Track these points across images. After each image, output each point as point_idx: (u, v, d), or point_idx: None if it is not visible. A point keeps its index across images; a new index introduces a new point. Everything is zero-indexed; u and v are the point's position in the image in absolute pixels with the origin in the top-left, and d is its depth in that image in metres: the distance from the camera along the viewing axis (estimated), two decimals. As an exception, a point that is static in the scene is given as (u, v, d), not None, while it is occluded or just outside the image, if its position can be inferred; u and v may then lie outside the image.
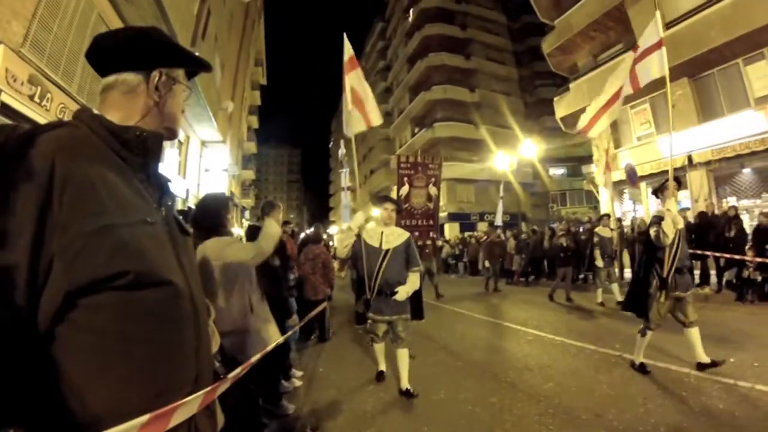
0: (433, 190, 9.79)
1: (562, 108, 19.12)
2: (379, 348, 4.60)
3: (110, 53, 1.10)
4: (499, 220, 18.23)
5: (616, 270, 10.32)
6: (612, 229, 9.60)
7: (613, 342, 5.69)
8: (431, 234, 10.13)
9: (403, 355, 4.24)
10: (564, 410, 3.64)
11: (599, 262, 8.92)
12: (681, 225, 4.43)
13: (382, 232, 4.27)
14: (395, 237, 4.26)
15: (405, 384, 4.19)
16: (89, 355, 0.86)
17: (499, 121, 32.72)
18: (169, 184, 1.19)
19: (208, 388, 1.11)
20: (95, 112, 1.07)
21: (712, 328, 5.74)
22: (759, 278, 8.23)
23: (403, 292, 4.06)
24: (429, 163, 9.99)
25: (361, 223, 4.30)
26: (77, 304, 0.84)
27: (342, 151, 19.71)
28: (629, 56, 5.59)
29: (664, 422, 3.26)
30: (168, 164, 12.66)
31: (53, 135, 0.91)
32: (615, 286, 8.88)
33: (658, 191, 4.83)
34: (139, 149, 1.06)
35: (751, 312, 7.26)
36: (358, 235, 4.28)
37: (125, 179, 0.99)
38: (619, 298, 8.25)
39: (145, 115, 1.11)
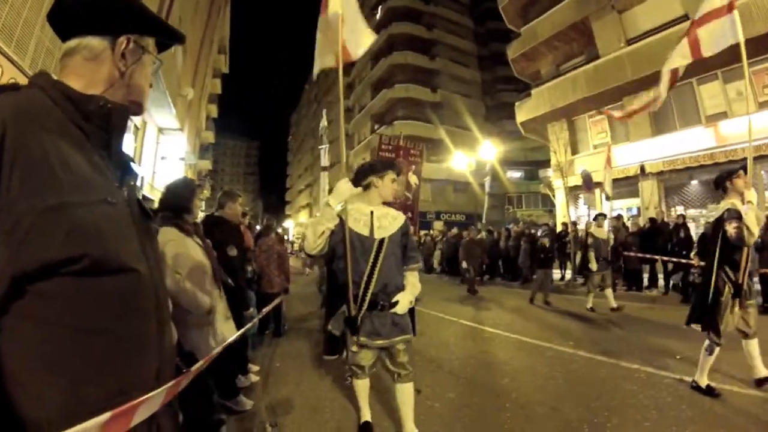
0: (413, 178, 9.01)
1: (522, 113, 19.64)
2: (363, 386, 3.10)
3: (74, 14, 0.98)
4: (483, 218, 17.90)
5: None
6: (608, 230, 9.01)
7: (567, 339, 5.90)
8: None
9: (406, 391, 2.94)
10: (521, 404, 3.72)
11: (593, 266, 8.25)
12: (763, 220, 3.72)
13: (372, 213, 2.87)
14: (390, 221, 2.91)
15: None
16: (40, 349, 0.76)
17: (459, 122, 33.30)
18: (132, 163, 1.09)
19: (171, 383, 1.03)
20: (55, 78, 0.95)
21: (661, 328, 6.41)
22: None
23: (405, 302, 2.80)
24: (411, 148, 9.25)
25: (347, 197, 2.77)
26: (26, 291, 0.75)
27: (323, 123, 16.68)
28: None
29: (617, 414, 3.42)
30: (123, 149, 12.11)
31: (6, 100, 0.81)
32: (609, 291, 8.31)
33: (725, 180, 4.11)
34: (102, 122, 0.95)
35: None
36: (340, 219, 2.82)
37: (84, 154, 0.89)
38: (614, 304, 7.97)
39: (109, 86, 1.00)
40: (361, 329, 2.76)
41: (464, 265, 11.68)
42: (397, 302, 2.79)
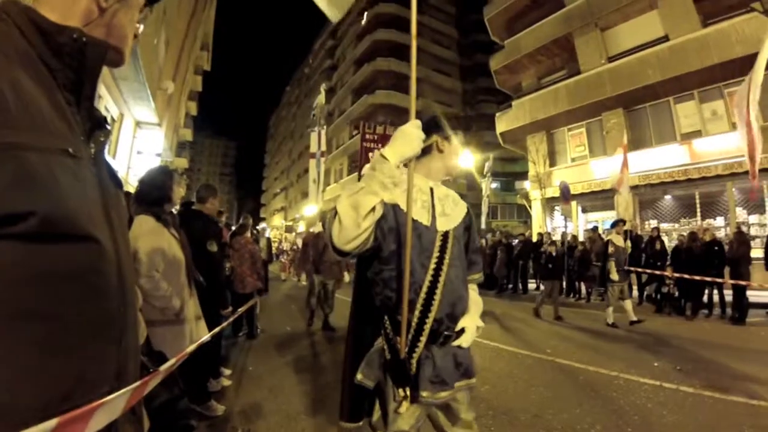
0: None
1: (503, 123, 19.88)
2: None
3: None
4: (482, 224, 17.22)
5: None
6: (626, 238, 8.45)
7: (544, 347, 5.90)
8: None
9: None
10: (503, 411, 3.68)
11: (615, 276, 7.66)
12: None
13: (432, 191, 1.87)
14: (452, 206, 1.91)
15: None
16: None
17: (438, 131, 33.33)
18: (104, 120, 0.91)
19: (135, 384, 0.84)
20: (26, 4, 0.77)
21: (635, 336, 6.66)
22: (676, 293, 9.09)
23: (473, 329, 1.83)
24: None
25: (416, 152, 1.59)
26: None
27: (320, 99, 12.42)
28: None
29: (599, 421, 3.44)
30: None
31: None
32: (628, 303, 7.71)
33: None
34: (74, 60, 0.78)
35: (669, 323, 7.82)
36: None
37: (47, 94, 0.71)
38: (633, 317, 7.49)
39: (85, 22, 0.82)
40: (420, 377, 1.65)
41: None
42: (462, 330, 1.79)
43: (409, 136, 1.55)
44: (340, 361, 5.21)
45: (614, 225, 8.29)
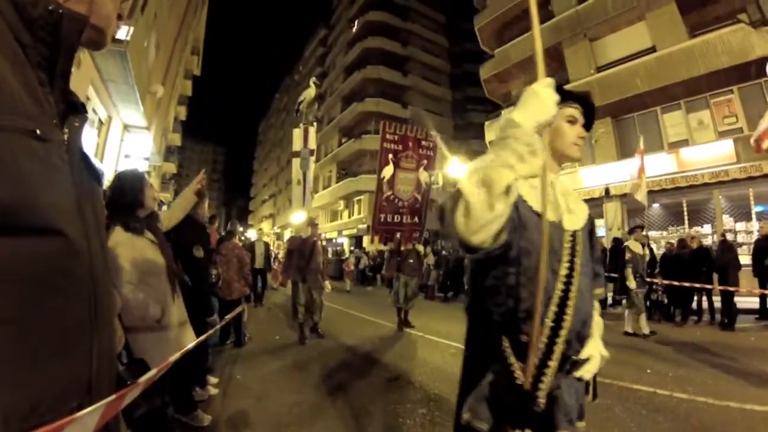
0: (424, 176, 7.50)
1: (492, 132, 19.93)
2: None
3: None
4: None
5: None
6: (644, 245, 8.11)
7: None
8: (414, 236, 7.77)
9: None
10: None
11: (632, 284, 7.38)
12: None
13: (552, 185, 1.49)
14: (575, 203, 1.56)
15: None
16: None
17: (426, 139, 33.42)
18: (82, 107, 0.83)
19: (111, 398, 0.76)
20: None
21: (628, 343, 6.67)
22: (665, 300, 9.14)
23: (597, 358, 1.49)
24: (422, 138, 7.49)
25: (552, 114, 1.21)
26: None
27: (309, 93, 11.03)
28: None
29: (595, 428, 3.38)
30: (84, 143, 11.34)
31: None
32: (642, 317, 7.44)
33: None
34: (48, 34, 0.70)
35: (659, 330, 7.72)
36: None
37: (16, 70, 0.64)
38: (646, 330, 7.29)
39: None
40: (554, 416, 1.28)
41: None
42: (588, 360, 1.43)
43: (542, 95, 1.19)
44: (329, 368, 5.16)
45: (632, 231, 8.11)
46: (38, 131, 0.64)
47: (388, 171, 7.03)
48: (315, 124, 10.31)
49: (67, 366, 0.67)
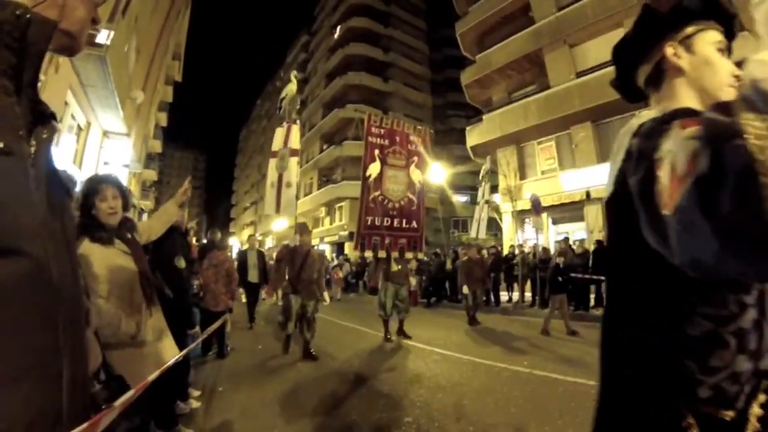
0: (416, 174, 6.98)
1: (473, 137, 20.15)
2: None
3: None
4: (483, 232, 16.00)
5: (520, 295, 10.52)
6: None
7: (521, 360, 5.86)
8: (414, 244, 7.19)
9: None
10: (484, 427, 3.61)
11: None
12: None
13: None
14: None
15: None
16: None
17: (408, 145, 33.60)
18: (52, 117, 0.75)
19: (83, 426, 0.68)
20: None
21: None
22: None
23: None
24: (410, 133, 6.94)
25: None
26: None
27: (290, 88, 10.70)
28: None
29: (582, 430, 3.33)
30: (62, 151, 10.96)
31: None
32: None
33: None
34: (14, 40, 0.64)
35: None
36: None
37: None
38: None
39: (37, 1, 0.69)
40: None
41: (464, 290, 9.25)
42: None
43: None
44: (314, 378, 5.05)
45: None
46: (1, 144, 0.59)
47: (374, 168, 6.59)
48: (298, 122, 9.64)
49: (34, 393, 0.59)
